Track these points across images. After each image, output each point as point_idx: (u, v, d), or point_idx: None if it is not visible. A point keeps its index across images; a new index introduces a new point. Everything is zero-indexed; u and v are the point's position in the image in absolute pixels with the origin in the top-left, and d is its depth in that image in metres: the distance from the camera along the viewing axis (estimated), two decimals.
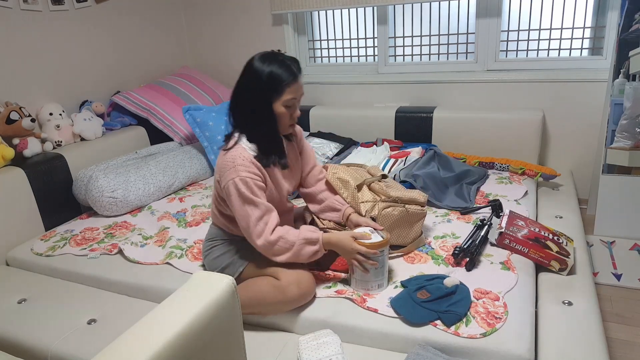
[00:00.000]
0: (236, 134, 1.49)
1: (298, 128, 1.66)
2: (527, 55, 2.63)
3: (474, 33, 2.67)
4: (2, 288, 1.77)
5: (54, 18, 2.46)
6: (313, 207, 1.72)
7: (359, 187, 1.72)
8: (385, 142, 2.61)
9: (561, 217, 1.97)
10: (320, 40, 3.08)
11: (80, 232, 2.05)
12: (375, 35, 2.91)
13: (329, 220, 1.69)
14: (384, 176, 1.82)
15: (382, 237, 1.46)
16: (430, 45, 2.82)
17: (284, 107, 1.43)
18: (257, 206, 1.40)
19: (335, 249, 1.46)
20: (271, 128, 1.47)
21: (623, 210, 2.22)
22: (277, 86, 1.40)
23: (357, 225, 1.57)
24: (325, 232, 1.68)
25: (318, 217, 1.71)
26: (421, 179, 2.12)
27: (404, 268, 1.61)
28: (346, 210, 1.65)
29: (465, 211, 1.98)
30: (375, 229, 1.52)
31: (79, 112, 2.55)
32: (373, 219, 1.64)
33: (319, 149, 2.60)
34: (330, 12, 2.99)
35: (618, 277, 1.96)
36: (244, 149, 1.45)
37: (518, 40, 2.61)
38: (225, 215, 1.56)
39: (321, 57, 3.12)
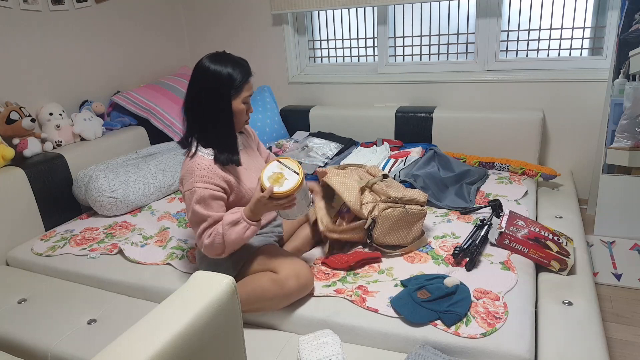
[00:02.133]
0: (193, 140, 1.52)
1: (250, 128, 1.76)
2: (527, 55, 2.63)
3: (474, 33, 2.67)
4: (2, 288, 1.77)
5: (54, 18, 2.46)
6: None
7: (362, 190, 1.72)
8: (385, 142, 2.61)
9: (561, 217, 1.97)
10: (320, 40, 3.08)
11: (80, 232, 2.05)
12: (375, 35, 2.91)
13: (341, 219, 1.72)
14: (385, 176, 1.82)
15: (294, 172, 1.41)
16: (430, 45, 2.82)
17: (242, 104, 1.50)
18: (205, 220, 1.45)
19: (258, 212, 1.43)
20: (228, 126, 1.52)
21: (623, 210, 2.22)
22: (237, 84, 1.46)
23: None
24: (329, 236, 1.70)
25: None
26: (421, 179, 2.12)
27: (404, 268, 1.61)
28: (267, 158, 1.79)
29: (465, 211, 1.98)
30: (281, 162, 1.45)
31: (79, 112, 2.55)
32: (374, 220, 1.65)
33: (319, 149, 2.60)
34: (330, 12, 2.99)
35: (618, 277, 1.96)
36: (202, 156, 1.49)
37: (518, 40, 2.61)
38: None
39: (321, 57, 3.12)
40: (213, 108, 1.47)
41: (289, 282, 1.42)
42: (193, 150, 1.50)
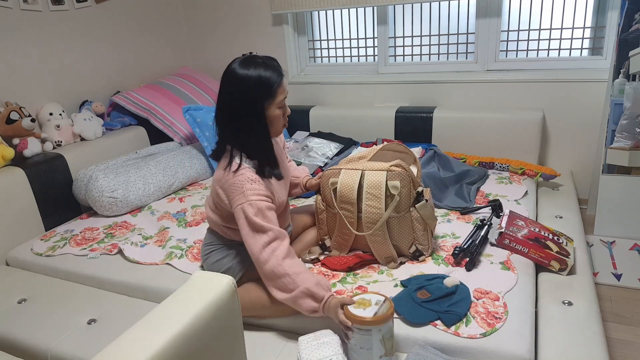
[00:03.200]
0: (234, 152, 1.43)
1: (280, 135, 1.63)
2: (527, 55, 2.63)
3: (474, 33, 2.67)
4: (2, 288, 1.77)
5: (54, 18, 2.46)
6: None
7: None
8: (385, 142, 2.61)
9: (561, 217, 1.97)
10: (320, 40, 3.08)
11: (80, 232, 2.05)
12: (375, 35, 2.91)
13: None
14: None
15: (376, 312, 1.23)
16: (430, 45, 2.82)
17: (278, 109, 1.41)
18: (265, 232, 1.35)
19: (331, 316, 1.30)
20: (265, 135, 1.43)
21: (623, 210, 2.22)
22: (269, 89, 1.37)
23: (311, 186, 1.68)
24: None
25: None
26: (421, 179, 2.12)
27: (404, 268, 1.61)
28: (303, 181, 1.72)
29: (465, 211, 1.98)
30: (379, 301, 1.29)
31: (79, 112, 2.55)
32: (418, 252, 1.59)
33: (319, 149, 2.60)
34: (330, 12, 2.99)
35: (618, 277, 1.96)
36: (248, 168, 1.40)
37: (518, 40, 2.61)
38: (221, 220, 1.54)
39: (321, 57, 3.12)
40: (246, 117, 1.39)
41: None
42: (237, 162, 1.40)
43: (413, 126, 2.68)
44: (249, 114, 1.38)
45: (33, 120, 2.19)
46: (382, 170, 1.57)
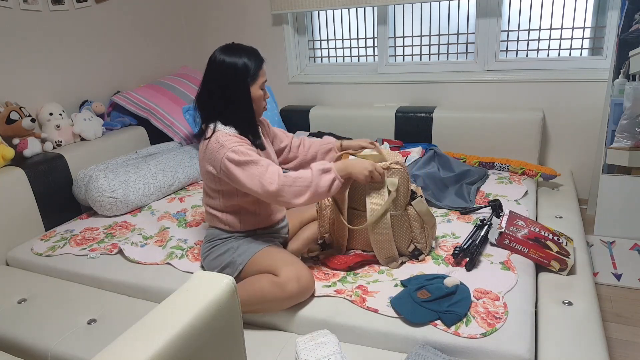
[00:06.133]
0: (210, 125, 1.54)
1: (264, 119, 1.78)
2: (527, 55, 2.63)
3: (474, 33, 2.67)
4: (2, 288, 1.77)
5: (54, 18, 2.46)
6: None
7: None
8: (385, 142, 2.61)
9: (561, 217, 1.97)
10: (320, 40, 3.08)
11: (80, 232, 2.05)
12: (375, 35, 2.91)
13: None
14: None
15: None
16: (430, 45, 2.82)
17: (260, 89, 1.55)
18: (256, 163, 1.44)
19: (349, 171, 1.50)
20: (250, 112, 1.55)
21: (623, 210, 2.22)
22: (253, 72, 1.51)
23: (349, 147, 1.73)
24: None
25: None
26: (421, 179, 2.12)
27: (404, 268, 1.61)
28: (336, 144, 1.77)
29: (465, 211, 1.98)
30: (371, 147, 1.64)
31: (79, 112, 2.55)
32: (417, 251, 1.66)
33: None
34: (330, 12, 2.99)
35: (618, 277, 1.96)
36: (221, 130, 1.51)
37: (518, 40, 2.61)
38: (222, 200, 1.58)
39: (321, 57, 3.12)
40: (233, 98, 1.51)
41: (289, 285, 1.41)
42: (212, 128, 1.52)
43: (413, 126, 2.68)
44: (235, 94, 1.51)
45: (33, 120, 2.19)
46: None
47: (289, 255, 1.56)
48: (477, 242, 1.63)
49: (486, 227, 1.73)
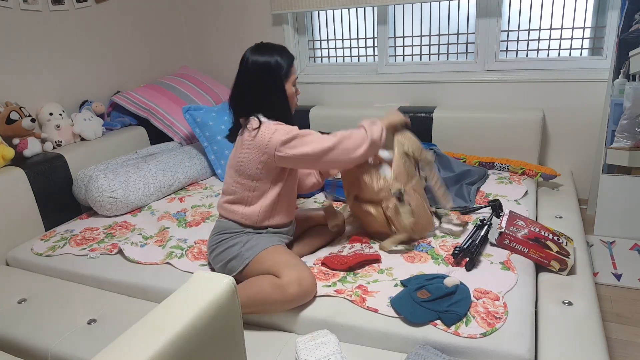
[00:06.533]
0: (253, 117, 1.57)
1: None
2: (527, 55, 2.63)
3: (474, 33, 2.67)
4: (2, 288, 1.77)
5: (54, 18, 2.46)
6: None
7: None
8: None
9: (561, 217, 1.97)
10: (320, 40, 3.08)
11: (80, 232, 2.06)
12: (375, 35, 2.91)
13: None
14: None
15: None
16: (430, 45, 2.82)
17: (292, 86, 1.61)
18: (310, 134, 1.53)
19: (389, 121, 1.73)
20: (286, 105, 1.61)
21: (623, 210, 2.22)
22: (285, 69, 1.57)
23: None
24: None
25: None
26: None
27: (404, 268, 1.61)
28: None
29: (465, 211, 1.98)
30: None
31: (79, 112, 2.55)
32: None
33: None
34: (330, 12, 2.99)
35: (618, 277, 1.96)
36: (269, 121, 1.56)
37: (518, 40, 2.61)
38: (242, 204, 1.61)
39: (321, 57, 3.13)
40: (269, 96, 1.56)
41: (290, 287, 1.41)
42: (257, 120, 1.54)
43: (413, 126, 2.67)
44: (271, 89, 1.56)
45: (33, 120, 2.19)
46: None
47: (293, 257, 1.55)
48: (477, 242, 1.63)
49: (486, 227, 1.73)
